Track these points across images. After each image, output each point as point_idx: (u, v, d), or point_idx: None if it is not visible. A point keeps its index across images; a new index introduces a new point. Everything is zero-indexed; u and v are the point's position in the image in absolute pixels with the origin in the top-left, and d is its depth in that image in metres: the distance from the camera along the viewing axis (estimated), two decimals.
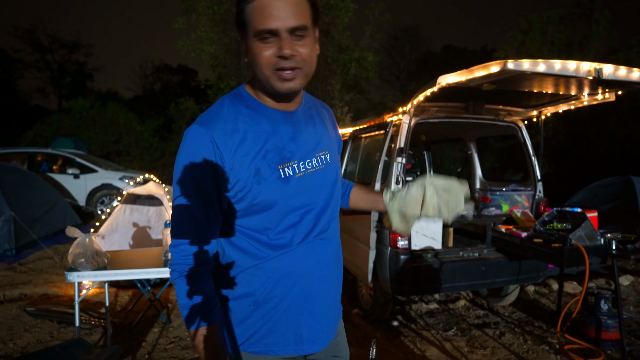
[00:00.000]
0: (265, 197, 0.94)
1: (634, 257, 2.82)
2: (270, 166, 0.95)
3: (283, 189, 0.96)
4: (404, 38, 29.30)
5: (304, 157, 1.00)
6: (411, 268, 3.12)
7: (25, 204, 5.75)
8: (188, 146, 0.92)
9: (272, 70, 0.89)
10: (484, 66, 2.48)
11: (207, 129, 0.91)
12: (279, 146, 0.97)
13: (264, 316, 1.01)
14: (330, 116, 1.18)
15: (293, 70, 0.89)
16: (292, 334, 1.02)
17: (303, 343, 1.03)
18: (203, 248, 0.94)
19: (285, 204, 0.96)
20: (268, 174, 0.94)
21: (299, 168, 0.99)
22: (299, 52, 0.89)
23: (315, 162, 1.03)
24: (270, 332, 1.01)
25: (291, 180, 0.97)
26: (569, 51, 11.63)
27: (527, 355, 2.97)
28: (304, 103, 1.07)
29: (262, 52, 0.88)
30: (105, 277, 2.60)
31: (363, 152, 4.14)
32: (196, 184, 0.91)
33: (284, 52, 0.86)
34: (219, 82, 10.93)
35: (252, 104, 0.99)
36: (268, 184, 0.94)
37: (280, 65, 0.88)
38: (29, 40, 26.96)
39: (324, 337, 1.07)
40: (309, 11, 0.90)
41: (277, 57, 0.88)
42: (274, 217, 0.96)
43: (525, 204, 3.85)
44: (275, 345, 1.02)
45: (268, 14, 0.85)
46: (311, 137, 1.04)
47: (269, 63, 0.89)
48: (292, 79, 0.90)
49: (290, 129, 1.00)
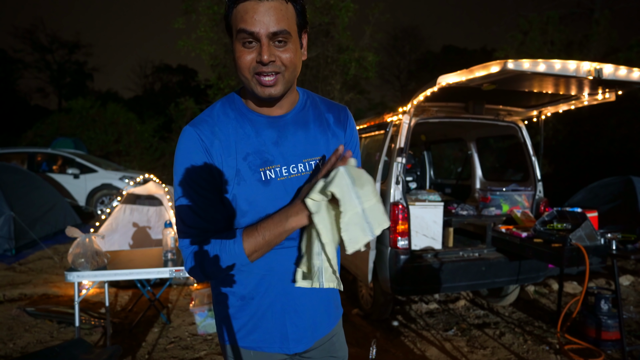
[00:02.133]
0: (244, 197, 0.97)
1: (634, 257, 2.82)
2: (251, 168, 0.97)
3: (263, 191, 0.98)
4: (404, 38, 29.35)
5: (287, 161, 1.01)
6: (411, 268, 3.12)
7: (25, 204, 5.76)
8: (181, 146, 0.98)
9: (252, 74, 0.91)
10: (484, 66, 2.48)
11: (195, 130, 0.97)
12: (261, 149, 0.99)
13: (250, 312, 1.04)
14: (337, 121, 1.12)
15: (273, 76, 0.91)
16: (277, 332, 1.05)
17: (289, 342, 1.06)
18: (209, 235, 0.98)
19: (263, 206, 0.98)
20: (248, 176, 0.97)
21: (281, 172, 1.00)
22: (280, 58, 0.90)
23: (302, 167, 1.03)
24: (256, 328, 1.05)
25: (272, 183, 0.99)
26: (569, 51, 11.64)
27: (527, 355, 2.97)
28: (298, 108, 1.06)
29: (243, 56, 0.90)
30: (105, 277, 2.60)
31: (363, 152, 4.14)
32: (192, 179, 0.95)
33: (263, 57, 0.87)
34: (218, 82, 10.93)
35: (241, 107, 1.02)
36: (248, 185, 0.97)
37: (259, 70, 0.90)
38: (29, 40, 26.98)
39: (309, 336, 1.09)
40: (293, 17, 0.91)
41: (257, 62, 0.90)
42: (253, 217, 0.98)
43: (525, 204, 3.86)
44: (262, 341, 1.05)
45: (250, 17, 0.86)
46: (299, 143, 1.03)
47: (249, 67, 0.90)
48: (272, 85, 0.92)
49: (275, 134, 1.01)
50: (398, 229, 3.11)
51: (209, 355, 2.94)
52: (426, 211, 3.33)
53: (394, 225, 3.12)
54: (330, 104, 1.14)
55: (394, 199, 3.16)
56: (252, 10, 0.86)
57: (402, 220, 3.12)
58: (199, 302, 3.31)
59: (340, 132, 1.11)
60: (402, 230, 3.11)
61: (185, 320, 3.53)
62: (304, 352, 1.12)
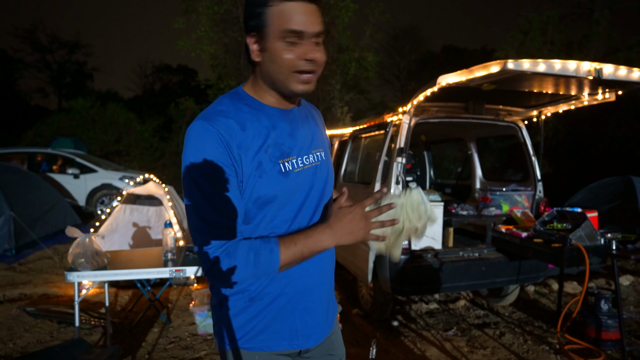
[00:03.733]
0: (266, 190, 0.96)
1: (634, 257, 2.82)
2: (271, 160, 0.97)
3: (283, 183, 0.98)
4: (404, 38, 29.29)
5: (301, 152, 1.04)
6: (411, 268, 3.12)
7: (25, 204, 5.75)
8: (195, 141, 0.91)
9: (291, 72, 0.93)
10: (484, 66, 2.48)
11: (211, 123, 0.91)
12: (279, 141, 1.00)
13: (259, 313, 1.02)
14: (319, 118, 1.22)
15: (313, 74, 0.96)
16: (286, 330, 1.04)
17: (298, 338, 1.05)
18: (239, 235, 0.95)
19: (284, 198, 0.98)
20: (269, 168, 0.96)
21: (297, 163, 1.01)
22: (318, 58, 0.94)
23: (312, 158, 1.06)
24: (265, 329, 1.03)
25: (290, 175, 0.99)
26: (569, 51, 11.64)
27: (527, 355, 2.97)
28: (299, 102, 1.11)
29: (285, 54, 0.92)
30: (105, 277, 2.60)
31: (363, 152, 4.14)
32: (212, 178, 0.90)
33: (310, 55, 0.92)
34: (219, 82, 10.93)
35: (251, 102, 1.01)
36: (269, 178, 0.96)
37: (302, 68, 0.93)
38: (29, 40, 26.92)
39: (318, 332, 1.09)
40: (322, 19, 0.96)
41: (301, 60, 0.92)
42: (270, 211, 0.97)
43: (525, 204, 3.85)
44: (270, 341, 1.04)
45: (297, 17, 0.90)
46: (307, 135, 1.08)
47: (291, 65, 0.92)
48: (310, 82, 0.97)
49: (289, 126, 1.03)
50: None
51: (209, 355, 2.94)
52: None
53: None
54: (308, 103, 1.21)
55: None
56: (299, 10, 0.89)
57: None
58: (199, 302, 3.31)
59: (323, 129, 1.20)
60: None
61: (185, 320, 3.53)
62: (305, 351, 1.11)
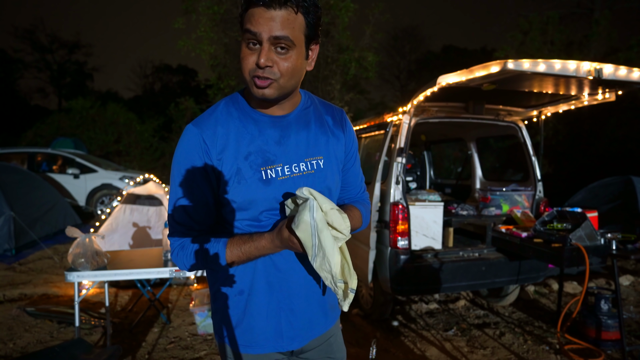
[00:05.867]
0: (243, 196, 0.98)
1: (634, 257, 2.82)
2: (252, 167, 0.99)
3: (263, 190, 0.99)
4: (404, 38, 29.30)
5: (290, 161, 1.03)
6: (411, 268, 3.12)
7: (25, 204, 5.75)
8: (182, 144, 1.00)
9: (250, 75, 0.94)
10: (484, 66, 2.48)
11: (198, 128, 0.98)
12: (263, 148, 1.01)
13: (247, 307, 1.05)
14: (336, 122, 1.14)
15: (267, 81, 0.93)
16: (272, 330, 1.06)
17: (282, 339, 1.07)
18: (196, 233, 1.04)
19: (263, 204, 1.00)
20: (249, 175, 0.99)
21: (282, 171, 1.02)
22: (278, 65, 0.92)
23: (304, 166, 1.05)
24: (252, 328, 1.06)
25: (273, 183, 1.00)
26: (569, 51, 11.64)
27: (527, 355, 2.97)
28: (300, 108, 1.09)
29: (245, 57, 0.93)
30: (105, 277, 2.60)
31: (363, 152, 4.14)
32: (188, 179, 0.99)
33: (259, 61, 0.90)
34: (219, 82, 10.92)
35: (244, 107, 1.04)
36: (248, 184, 0.98)
37: (255, 74, 0.92)
38: (29, 40, 26.90)
39: (303, 334, 1.10)
40: (301, 28, 0.93)
41: (255, 65, 0.92)
42: (253, 215, 1.01)
43: (525, 204, 3.85)
44: (256, 342, 1.06)
45: (256, 19, 0.89)
46: (302, 142, 1.06)
47: (249, 68, 0.93)
48: (265, 88, 0.94)
49: (277, 133, 1.03)
50: (398, 229, 3.11)
51: (209, 355, 2.94)
52: (426, 211, 3.33)
53: (394, 225, 3.12)
54: (328, 106, 1.16)
55: (394, 199, 3.16)
56: (261, 14, 0.89)
57: (402, 221, 3.12)
58: (199, 302, 3.31)
59: (339, 133, 1.14)
60: (402, 230, 3.11)
61: (185, 320, 3.53)
62: (300, 353, 1.13)
